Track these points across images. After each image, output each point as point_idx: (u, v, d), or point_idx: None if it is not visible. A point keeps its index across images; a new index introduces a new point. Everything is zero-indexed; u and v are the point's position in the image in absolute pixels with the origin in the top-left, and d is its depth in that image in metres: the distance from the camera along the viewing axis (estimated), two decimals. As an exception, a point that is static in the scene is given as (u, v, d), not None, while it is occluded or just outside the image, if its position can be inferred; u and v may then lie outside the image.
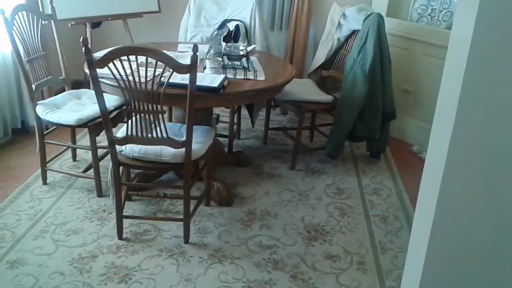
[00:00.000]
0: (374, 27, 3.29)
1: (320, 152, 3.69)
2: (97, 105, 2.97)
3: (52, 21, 3.10)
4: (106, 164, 3.28)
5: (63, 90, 3.26)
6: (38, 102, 2.91)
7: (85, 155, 3.46)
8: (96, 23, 3.91)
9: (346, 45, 3.70)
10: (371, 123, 3.41)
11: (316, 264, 2.50)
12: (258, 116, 3.94)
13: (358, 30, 3.50)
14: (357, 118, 3.39)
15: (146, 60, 2.15)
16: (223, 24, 3.73)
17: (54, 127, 3.01)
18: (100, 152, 3.03)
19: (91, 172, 3.06)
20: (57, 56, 3.19)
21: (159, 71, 2.19)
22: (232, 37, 3.60)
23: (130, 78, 2.19)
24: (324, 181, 3.34)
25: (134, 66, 2.19)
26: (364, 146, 3.79)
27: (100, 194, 2.97)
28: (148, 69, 2.18)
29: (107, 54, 2.14)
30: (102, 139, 3.24)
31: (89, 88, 3.28)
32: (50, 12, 3.11)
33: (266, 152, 3.73)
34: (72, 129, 3.23)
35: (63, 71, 3.18)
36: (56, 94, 3.27)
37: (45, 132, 2.98)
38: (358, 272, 2.47)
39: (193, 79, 2.19)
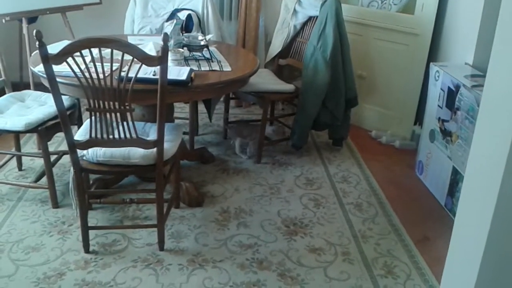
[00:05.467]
0: (333, 12, 3.21)
1: (283, 144, 3.60)
2: (44, 107, 2.75)
3: (-14, 16, 2.77)
4: (57, 171, 3.01)
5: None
6: (-23, 108, 2.58)
7: (31, 163, 3.14)
8: (32, 18, 3.56)
9: (302, 33, 3.61)
10: (334, 110, 3.35)
11: (301, 259, 2.40)
12: (215, 110, 3.78)
13: (315, 17, 3.43)
14: (321, 106, 3.32)
15: (112, 52, 1.93)
16: (173, 14, 3.52)
17: (-3, 134, 2.69)
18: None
19: (42, 181, 2.77)
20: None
21: (116, 65, 1.99)
22: (184, 27, 3.40)
23: (93, 74, 1.96)
24: (292, 173, 3.25)
25: (89, 60, 1.96)
26: (324, 134, 3.74)
27: (56, 205, 2.68)
28: (104, 63, 1.97)
29: (65, 48, 1.89)
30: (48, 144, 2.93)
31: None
32: (-18, 7, 2.78)
33: (228, 146, 3.57)
34: (17, 135, 2.91)
35: (2, 72, 2.85)
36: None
37: (-14, 141, 2.66)
38: (345, 264, 2.39)
39: (164, 72, 2.00)
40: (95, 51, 1.94)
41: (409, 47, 3.61)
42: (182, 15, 3.44)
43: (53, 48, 1.98)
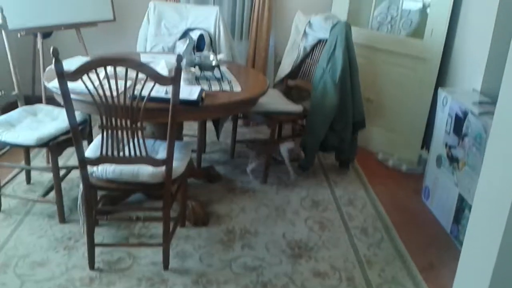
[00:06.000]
0: (342, 36, 3.25)
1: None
2: (56, 122, 2.78)
3: (3, 31, 2.81)
4: (65, 186, 3.02)
5: (9, 107, 2.95)
6: (-11, 121, 2.62)
7: (40, 178, 3.16)
8: (46, 33, 3.61)
9: (312, 54, 3.65)
10: (342, 132, 3.37)
11: (306, 283, 2.39)
12: (223, 129, 3.80)
13: (324, 39, 3.46)
14: (328, 128, 3.33)
15: (126, 71, 1.96)
16: (185, 33, 3.56)
17: (7, 148, 2.72)
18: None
19: (50, 196, 2.79)
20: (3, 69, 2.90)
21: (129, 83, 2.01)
22: (195, 46, 3.44)
23: (106, 92, 1.99)
24: (298, 194, 3.25)
25: (102, 78, 1.99)
26: (331, 156, 3.75)
27: (63, 220, 2.69)
28: (118, 81, 2.00)
29: (82, 66, 1.92)
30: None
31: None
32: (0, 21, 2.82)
33: (235, 166, 3.59)
34: (27, 149, 2.94)
35: (16, 86, 2.89)
36: (1, 112, 2.96)
37: (-3, 154, 2.69)
38: (349, 289, 2.38)
39: (176, 92, 2.03)
40: (109, 68, 1.97)
41: (418, 71, 3.64)
42: (195, 35, 3.48)
43: (68, 64, 2.00)
